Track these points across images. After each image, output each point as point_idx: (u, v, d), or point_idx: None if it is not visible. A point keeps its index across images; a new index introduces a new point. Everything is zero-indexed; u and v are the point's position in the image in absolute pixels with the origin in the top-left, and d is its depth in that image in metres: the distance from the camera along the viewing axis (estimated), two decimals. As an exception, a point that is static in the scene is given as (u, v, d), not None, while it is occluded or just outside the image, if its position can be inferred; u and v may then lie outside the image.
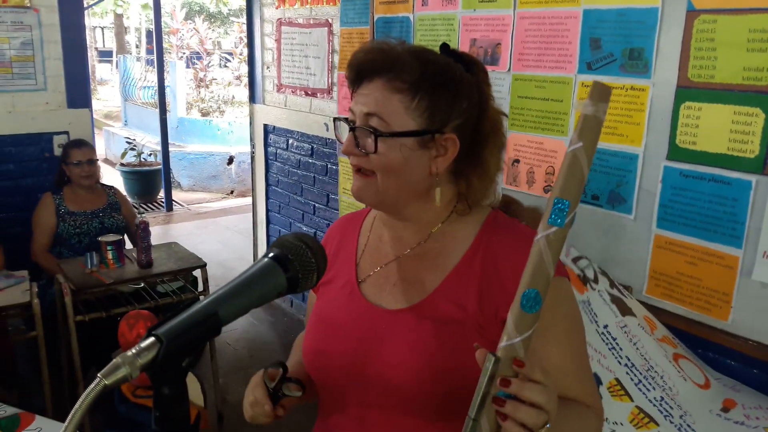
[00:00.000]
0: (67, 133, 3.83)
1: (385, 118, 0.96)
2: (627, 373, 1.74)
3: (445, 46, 1.02)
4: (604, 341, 1.78)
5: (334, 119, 1.05)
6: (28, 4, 3.65)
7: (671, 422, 1.66)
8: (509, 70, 2.50)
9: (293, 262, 0.64)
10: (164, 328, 0.56)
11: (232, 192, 8.48)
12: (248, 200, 5.21)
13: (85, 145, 3.47)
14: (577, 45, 2.25)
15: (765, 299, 1.82)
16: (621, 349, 1.79)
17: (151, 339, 0.55)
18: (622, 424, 1.66)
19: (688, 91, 1.95)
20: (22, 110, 3.74)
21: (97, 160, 3.52)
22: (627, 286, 2.16)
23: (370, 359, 0.98)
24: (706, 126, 1.92)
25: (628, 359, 1.77)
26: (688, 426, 1.67)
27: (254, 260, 4.70)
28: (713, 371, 1.92)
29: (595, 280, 1.91)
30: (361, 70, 0.99)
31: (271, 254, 0.65)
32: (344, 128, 1.01)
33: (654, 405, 1.68)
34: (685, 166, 1.98)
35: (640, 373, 1.74)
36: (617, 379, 1.72)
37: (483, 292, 0.96)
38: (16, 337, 2.79)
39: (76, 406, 0.51)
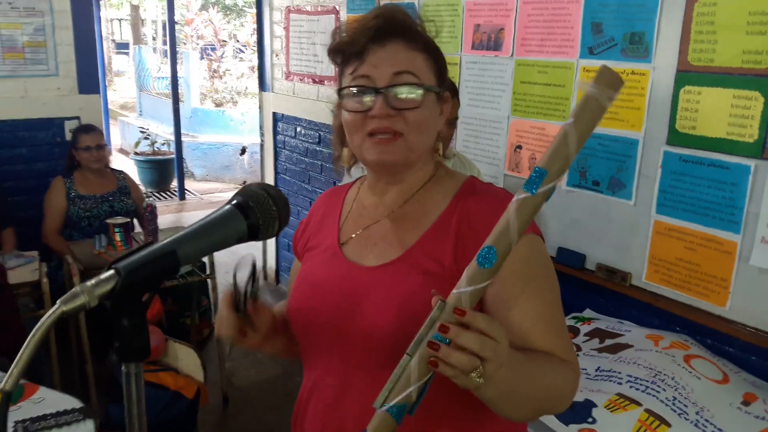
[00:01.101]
0: (78, 118, 3.89)
1: (416, 73, 1.00)
2: (631, 386, 1.72)
3: None
4: (597, 379, 1.79)
5: (342, 89, 1.03)
6: (41, -9, 3.70)
7: (686, 419, 1.63)
8: (512, 55, 2.50)
9: (254, 210, 0.66)
10: (124, 262, 0.59)
11: (244, 182, 8.52)
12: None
13: (93, 130, 3.52)
14: (579, 29, 2.24)
15: (763, 285, 1.81)
16: (618, 373, 1.78)
17: (111, 271, 0.58)
18: None
19: (688, 75, 1.94)
20: (34, 95, 3.80)
21: (106, 145, 3.57)
22: (626, 273, 2.17)
23: (351, 314, 1.01)
24: (706, 110, 1.91)
25: (630, 376, 1.76)
26: (706, 421, 1.64)
27: (263, 249, 4.75)
28: (733, 365, 1.88)
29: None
30: (375, 35, 1.00)
31: (233, 201, 0.67)
32: (352, 98, 1.01)
33: (666, 405, 1.66)
34: (685, 150, 1.97)
35: (647, 381, 1.72)
36: (619, 394, 1.70)
37: (458, 247, 0.99)
38: (25, 316, 2.85)
39: (34, 330, 0.54)
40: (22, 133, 3.83)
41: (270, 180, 4.55)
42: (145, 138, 8.07)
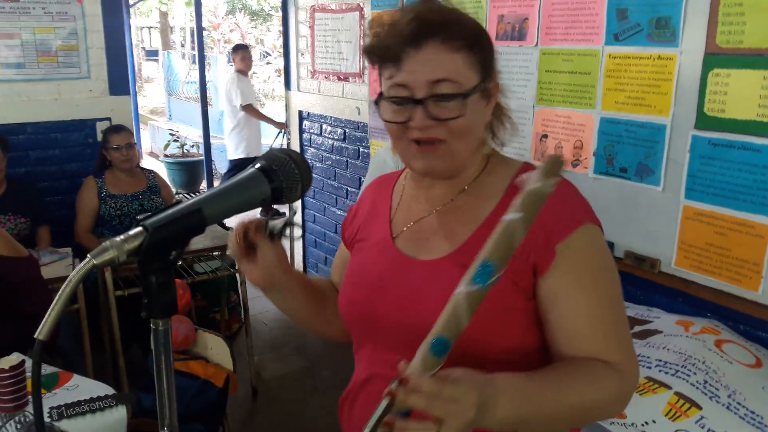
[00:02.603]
0: (109, 119, 3.97)
1: (456, 79, 0.94)
2: (660, 370, 1.70)
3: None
4: None
5: (377, 100, 1.00)
6: (73, -5, 3.79)
7: (718, 402, 1.61)
8: (536, 44, 2.49)
9: (278, 173, 0.67)
10: (151, 219, 0.60)
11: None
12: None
13: (123, 130, 3.59)
14: (604, 16, 2.23)
15: (796, 268, 1.78)
16: (647, 357, 1.76)
17: (139, 228, 0.59)
18: (654, 422, 1.62)
19: (716, 58, 1.91)
20: (67, 98, 3.89)
21: (135, 144, 3.64)
22: (655, 259, 2.14)
23: (406, 308, 0.99)
24: (735, 93, 1.88)
25: (659, 360, 1.73)
26: (738, 404, 1.62)
27: (291, 246, 4.79)
28: (766, 350, 1.84)
29: None
30: (411, 37, 0.94)
31: (257, 165, 0.68)
32: (389, 108, 0.97)
33: (697, 388, 1.64)
34: (714, 134, 1.94)
35: (676, 365, 1.70)
36: (648, 377, 1.69)
37: None
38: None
39: (68, 279, 0.56)
40: (55, 134, 3.92)
41: (301, 198, 4.59)
42: (175, 140, 8.20)
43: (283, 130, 6.22)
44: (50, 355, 2.53)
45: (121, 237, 0.59)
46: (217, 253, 3.40)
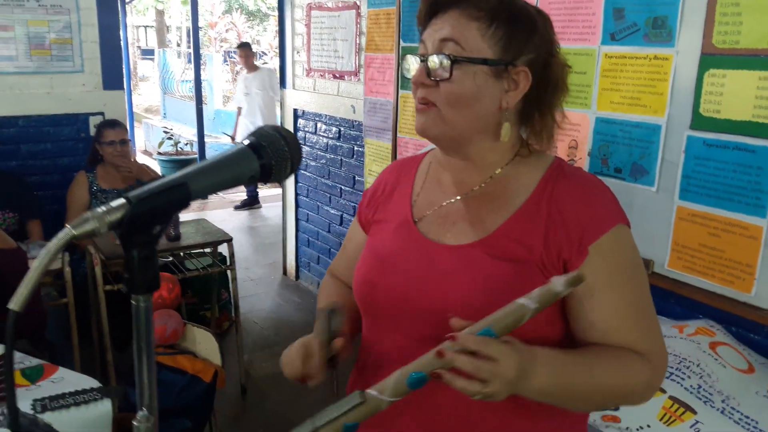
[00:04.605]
0: (102, 114, 3.94)
1: (461, 43, 0.95)
2: None
3: None
4: None
5: (406, 55, 1.04)
6: (67, -12, 3.77)
7: (712, 407, 1.60)
8: (533, 43, 2.48)
9: (267, 150, 0.65)
10: (135, 192, 0.58)
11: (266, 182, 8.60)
12: (280, 189, 5.27)
13: (118, 125, 3.56)
14: (601, 16, 2.22)
15: (789, 270, 1.77)
16: None
17: (121, 200, 0.58)
18: (649, 426, 1.61)
19: (712, 58, 1.91)
20: (59, 91, 3.86)
21: (129, 140, 3.61)
22: (648, 260, 2.13)
23: (428, 292, 0.98)
24: (731, 93, 1.87)
25: None
26: (732, 409, 1.61)
27: (284, 245, 4.77)
28: (757, 355, 1.84)
29: None
30: (435, 2, 0.99)
31: (246, 141, 0.67)
32: (414, 64, 1.00)
33: (691, 393, 1.63)
34: (709, 135, 1.93)
35: (671, 368, 1.69)
36: None
37: (549, 233, 0.96)
38: (48, 304, 2.89)
39: (46, 248, 0.54)
40: (47, 128, 3.89)
41: (290, 176, 4.57)
42: (169, 138, 8.17)
43: None
44: (37, 348, 2.50)
45: (103, 208, 0.57)
46: (208, 250, 3.38)
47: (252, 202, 7.11)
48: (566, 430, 1.04)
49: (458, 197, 1.05)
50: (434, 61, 0.95)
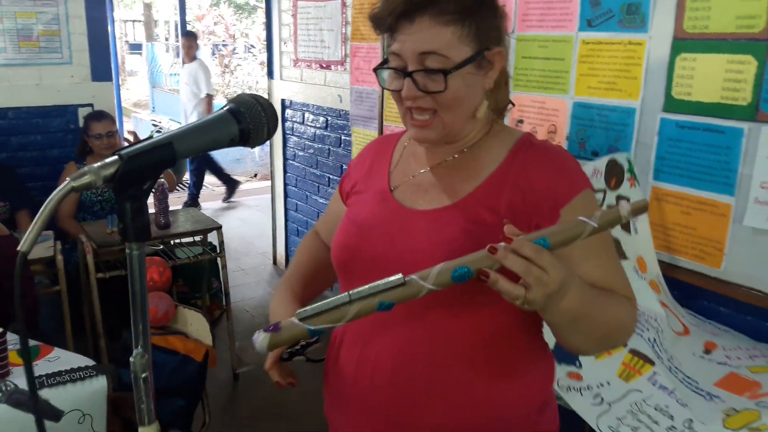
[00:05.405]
0: (91, 105, 3.98)
1: (444, 53, 0.96)
2: None
3: None
4: None
5: (376, 68, 1.04)
6: (55, -19, 3.80)
7: (662, 363, 1.70)
8: (513, 31, 2.55)
9: (245, 115, 0.72)
10: (126, 149, 0.65)
11: (255, 175, 8.63)
12: (269, 181, 5.32)
13: (105, 117, 3.59)
14: (578, 3, 2.28)
15: (756, 245, 1.85)
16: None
17: (114, 157, 0.64)
18: (609, 383, 1.69)
19: (683, 43, 1.98)
20: (48, 83, 3.89)
21: (117, 131, 3.65)
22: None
23: (401, 254, 1.03)
24: (701, 76, 1.95)
25: None
26: (676, 368, 1.71)
27: (273, 235, 4.82)
28: (691, 318, 1.95)
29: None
30: (402, 11, 0.97)
31: (227, 107, 0.73)
32: (390, 75, 1.02)
33: (649, 344, 1.71)
34: (681, 117, 2.01)
35: None
36: None
37: (516, 201, 1.01)
38: (40, 291, 2.94)
39: (49, 199, 0.60)
40: (37, 120, 3.93)
41: (279, 166, 4.62)
42: (158, 132, 8.17)
43: None
44: (31, 335, 2.54)
45: (98, 164, 0.64)
46: (199, 238, 3.43)
47: (193, 203, 6.74)
48: (534, 388, 1.10)
49: (431, 168, 1.11)
50: (423, 76, 0.98)
